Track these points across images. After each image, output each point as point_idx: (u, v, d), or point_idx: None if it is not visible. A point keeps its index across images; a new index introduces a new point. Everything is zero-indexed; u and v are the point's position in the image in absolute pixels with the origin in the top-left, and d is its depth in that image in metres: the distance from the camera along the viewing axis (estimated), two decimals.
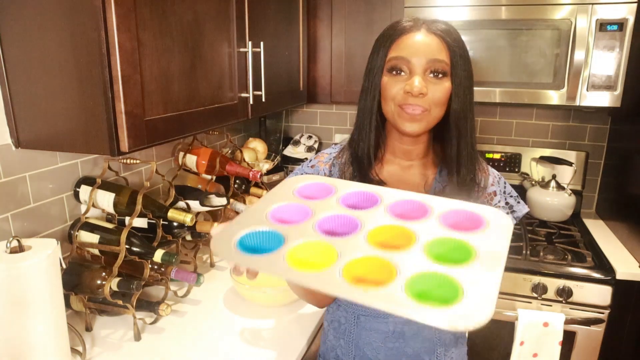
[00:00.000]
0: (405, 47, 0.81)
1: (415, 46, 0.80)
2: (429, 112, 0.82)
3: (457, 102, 0.82)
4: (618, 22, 1.53)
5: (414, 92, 0.79)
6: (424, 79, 0.80)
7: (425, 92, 0.80)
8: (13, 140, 1.02)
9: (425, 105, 0.81)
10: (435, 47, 0.80)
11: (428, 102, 0.81)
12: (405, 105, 0.81)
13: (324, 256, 0.61)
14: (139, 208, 1.15)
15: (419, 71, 0.80)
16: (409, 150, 0.91)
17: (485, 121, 2.13)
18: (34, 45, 0.91)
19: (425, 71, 0.81)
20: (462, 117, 0.84)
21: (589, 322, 1.55)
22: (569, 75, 1.60)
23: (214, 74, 1.19)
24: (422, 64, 0.80)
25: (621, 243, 1.73)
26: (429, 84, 0.80)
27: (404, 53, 0.81)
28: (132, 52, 0.88)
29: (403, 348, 0.94)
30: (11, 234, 1.06)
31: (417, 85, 0.79)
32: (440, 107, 0.82)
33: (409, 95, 0.80)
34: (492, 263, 0.57)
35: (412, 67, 0.81)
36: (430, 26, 0.82)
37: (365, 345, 0.96)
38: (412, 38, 0.81)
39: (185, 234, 1.37)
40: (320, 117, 2.35)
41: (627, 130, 1.80)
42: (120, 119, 0.89)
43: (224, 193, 1.55)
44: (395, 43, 0.82)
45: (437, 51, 0.80)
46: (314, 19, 1.86)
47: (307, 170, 0.96)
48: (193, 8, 1.07)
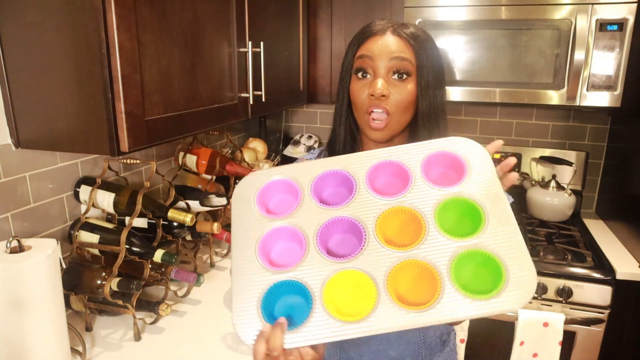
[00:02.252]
0: (370, 47, 0.83)
1: (380, 46, 0.82)
2: (392, 116, 0.82)
3: (424, 104, 0.83)
4: (618, 22, 1.53)
5: (376, 93, 0.80)
6: (388, 81, 0.82)
7: (387, 93, 0.81)
8: (13, 140, 1.02)
9: (388, 107, 0.82)
10: (399, 48, 0.82)
11: (390, 104, 0.82)
12: (370, 107, 0.82)
13: (360, 288, 0.59)
14: (139, 208, 1.15)
15: (382, 72, 0.82)
16: None
17: (485, 121, 2.13)
18: (34, 45, 0.91)
19: (389, 72, 0.82)
20: (432, 119, 0.84)
21: (589, 322, 1.55)
22: (569, 75, 1.60)
23: (214, 74, 1.19)
24: (384, 65, 0.82)
25: (621, 243, 1.73)
26: (391, 87, 0.82)
27: (368, 52, 0.83)
28: (132, 52, 0.88)
29: (387, 351, 0.94)
30: (11, 234, 1.06)
31: (379, 87, 0.80)
32: (402, 110, 0.83)
33: (372, 97, 0.82)
34: (502, 215, 0.62)
35: (375, 68, 0.82)
36: (397, 29, 0.83)
37: (350, 348, 0.96)
38: (377, 40, 0.83)
39: (185, 234, 1.37)
40: (320, 117, 2.35)
41: (627, 130, 1.80)
42: (120, 119, 0.88)
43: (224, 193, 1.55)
44: (362, 45, 0.85)
45: (399, 51, 0.82)
46: (314, 19, 1.86)
47: None
48: (193, 8, 1.07)
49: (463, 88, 1.72)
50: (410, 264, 0.61)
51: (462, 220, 0.65)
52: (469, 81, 1.71)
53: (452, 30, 1.68)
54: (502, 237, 0.61)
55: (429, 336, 0.96)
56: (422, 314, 0.56)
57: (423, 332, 0.95)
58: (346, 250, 0.65)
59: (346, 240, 0.67)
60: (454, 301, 0.57)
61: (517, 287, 0.57)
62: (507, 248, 0.60)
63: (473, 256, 0.61)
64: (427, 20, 1.70)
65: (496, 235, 0.61)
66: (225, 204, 1.38)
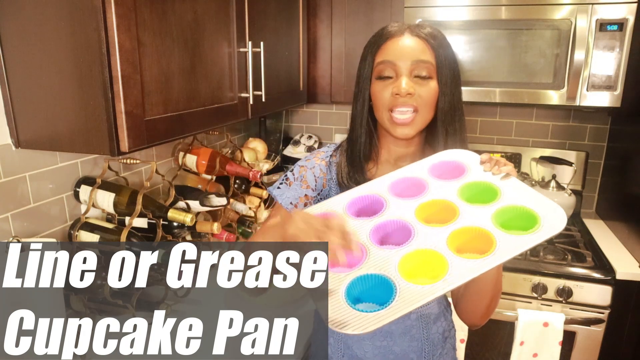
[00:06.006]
0: (390, 51, 0.84)
1: (400, 49, 0.83)
2: (419, 113, 0.84)
3: (444, 102, 0.85)
4: (618, 22, 1.53)
5: (402, 92, 0.81)
6: (411, 80, 0.83)
7: (413, 92, 0.82)
8: (13, 140, 1.02)
9: (415, 104, 0.83)
10: (419, 49, 0.83)
11: (418, 101, 0.83)
12: (396, 106, 0.83)
13: (427, 261, 0.65)
14: (139, 208, 1.15)
15: (405, 73, 0.83)
16: (402, 154, 0.93)
17: (485, 121, 2.13)
18: (34, 45, 0.91)
19: (411, 73, 0.83)
20: (450, 116, 0.86)
21: (589, 322, 1.55)
22: (569, 75, 1.60)
23: (214, 74, 1.19)
24: (407, 66, 0.83)
25: (621, 243, 1.73)
26: (415, 85, 0.83)
27: (390, 57, 0.83)
28: (132, 52, 0.88)
29: (391, 347, 0.94)
30: (11, 234, 1.06)
31: (404, 86, 0.81)
32: (429, 107, 0.85)
33: (398, 96, 0.82)
34: (517, 188, 0.74)
35: (398, 70, 0.83)
36: (414, 30, 0.84)
37: (354, 344, 0.96)
38: (396, 42, 0.84)
39: (185, 234, 1.37)
40: (320, 117, 2.35)
41: (627, 130, 1.80)
42: (120, 119, 0.88)
43: (224, 193, 1.55)
44: (381, 49, 0.85)
45: (421, 53, 0.83)
46: (314, 19, 1.86)
47: (302, 163, 0.95)
48: (193, 8, 1.07)
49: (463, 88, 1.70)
50: (460, 232, 0.68)
51: (479, 197, 0.75)
52: (469, 81, 1.71)
53: (452, 30, 1.68)
54: (519, 193, 0.73)
55: (432, 332, 0.96)
56: (494, 255, 0.63)
57: (426, 329, 0.95)
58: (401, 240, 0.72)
59: (394, 236, 0.73)
60: (512, 240, 0.65)
61: (551, 217, 0.68)
62: (527, 198, 0.71)
63: (504, 213, 0.70)
64: (427, 21, 1.70)
65: (514, 194, 0.73)
66: (225, 204, 1.38)
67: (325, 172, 0.93)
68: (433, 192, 0.76)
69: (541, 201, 0.71)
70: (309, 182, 0.92)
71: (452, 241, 0.67)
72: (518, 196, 0.72)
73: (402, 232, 0.71)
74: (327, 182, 0.93)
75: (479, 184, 0.76)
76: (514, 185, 0.75)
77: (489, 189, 0.75)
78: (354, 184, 0.88)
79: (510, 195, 0.73)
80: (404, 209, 0.73)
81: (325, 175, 0.93)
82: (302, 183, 0.92)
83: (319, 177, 0.92)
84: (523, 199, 0.72)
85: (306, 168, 0.93)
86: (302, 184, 0.92)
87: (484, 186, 0.76)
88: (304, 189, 0.91)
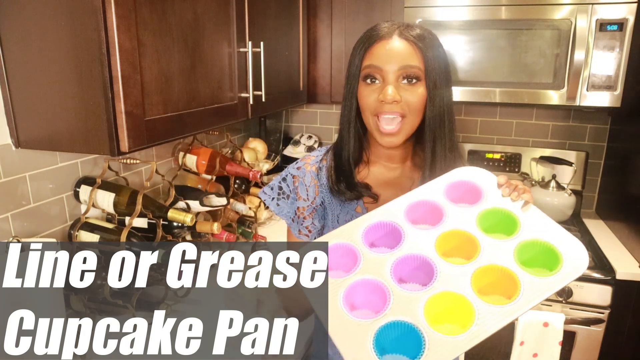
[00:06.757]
0: (377, 55, 0.82)
1: (387, 53, 0.81)
2: (406, 119, 0.82)
3: (431, 108, 0.83)
4: (618, 22, 1.53)
5: (387, 100, 0.80)
6: (397, 86, 0.81)
7: (399, 99, 0.81)
8: (13, 140, 1.02)
9: (402, 110, 0.81)
10: (407, 53, 0.81)
11: (404, 107, 0.81)
12: (381, 113, 0.82)
13: (454, 305, 0.65)
14: (139, 208, 1.15)
15: (391, 79, 0.81)
16: (391, 154, 0.92)
17: (485, 121, 2.13)
18: (34, 45, 0.91)
19: (398, 78, 0.81)
20: (438, 121, 0.84)
21: (589, 322, 1.55)
22: (569, 76, 1.60)
23: (214, 74, 1.19)
24: (394, 71, 0.81)
25: (621, 243, 1.73)
26: (402, 91, 0.81)
27: (377, 61, 0.81)
28: (132, 52, 0.88)
29: None
30: (11, 234, 1.06)
31: (390, 93, 0.80)
32: (416, 113, 0.83)
33: (384, 103, 0.81)
34: (536, 219, 0.73)
35: (384, 75, 0.81)
36: (404, 32, 0.82)
37: None
38: (384, 45, 0.82)
39: (185, 234, 1.37)
40: (320, 117, 2.35)
41: (627, 130, 1.80)
42: (120, 119, 0.89)
43: (224, 193, 1.55)
44: (368, 51, 0.83)
45: (409, 57, 0.81)
46: (314, 19, 1.86)
47: (293, 171, 0.94)
48: (193, 8, 1.07)
49: (463, 88, 1.72)
50: (484, 270, 0.68)
51: (498, 226, 0.74)
52: (469, 81, 1.71)
53: (452, 30, 1.68)
54: (539, 226, 0.72)
55: None
56: (518, 302, 0.63)
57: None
58: (420, 280, 0.70)
59: (414, 273, 0.71)
60: (536, 284, 0.65)
61: (573, 255, 0.67)
62: (548, 232, 0.71)
63: (526, 248, 0.70)
64: (427, 20, 1.70)
65: (534, 226, 0.72)
66: (225, 204, 1.38)
67: (316, 180, 0.92)
68: (452, 220, 0.74)
69: (562, 236, 0.70)
70: (300, 194, 0.91)
71: (476, 281, 0.66)
72: (539, 230, 0.71)
73: (424, 269, 0.70)
74: (318, 188, 0.92)
75: (498, 212, 0.75)
76: (533, 214, 0.74)
77: (508, 218, 0.74)
78: (345, 189, 0.87)
79: (530, 227, 0.72)
80: (424, 242, 0.72)
81: (317, 183, 0.92)
82: (296, 195, 0.92)
83: (310, 186, 0.91)
84: (544, 233, 0.71)
85: (298, 178, 0.92)
86: (296, 197, 0.92)
87: (502, 215, 0.74)
88: (299, 200, 0.91)
